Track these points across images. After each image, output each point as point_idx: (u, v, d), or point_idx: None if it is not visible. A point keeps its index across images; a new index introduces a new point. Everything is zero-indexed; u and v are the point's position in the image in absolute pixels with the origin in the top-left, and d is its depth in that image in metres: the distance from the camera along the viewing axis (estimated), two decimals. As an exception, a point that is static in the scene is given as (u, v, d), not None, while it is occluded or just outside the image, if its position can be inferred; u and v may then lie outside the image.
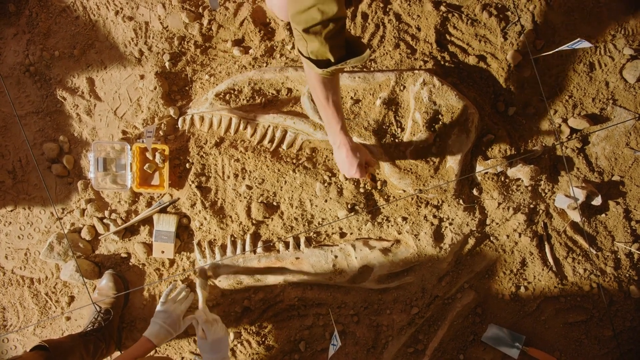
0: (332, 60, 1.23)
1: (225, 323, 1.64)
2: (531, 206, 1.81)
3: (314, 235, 1.77)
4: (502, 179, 1.80)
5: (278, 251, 1.76)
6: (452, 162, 1.71)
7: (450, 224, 1.76)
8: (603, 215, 1.86)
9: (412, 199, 1.75)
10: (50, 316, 1.85)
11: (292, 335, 1.83)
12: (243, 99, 1.78)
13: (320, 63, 1.24)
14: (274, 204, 1.77)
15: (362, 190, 1.74)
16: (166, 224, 1.75)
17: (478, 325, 1.88)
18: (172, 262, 1.81)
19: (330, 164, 1.78)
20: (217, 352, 1.52)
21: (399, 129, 1.75)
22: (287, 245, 1.76)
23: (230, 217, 1.77)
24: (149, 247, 1.79)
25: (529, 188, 1.81)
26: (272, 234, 1.77)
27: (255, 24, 1.86)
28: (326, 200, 1.74)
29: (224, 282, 1.75)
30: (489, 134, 1.81)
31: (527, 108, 1.86)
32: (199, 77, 1.85)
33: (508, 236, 1.82)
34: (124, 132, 1.82)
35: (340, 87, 1.77)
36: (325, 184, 1.74)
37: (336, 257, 1.71)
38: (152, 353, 1.56)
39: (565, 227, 1.84)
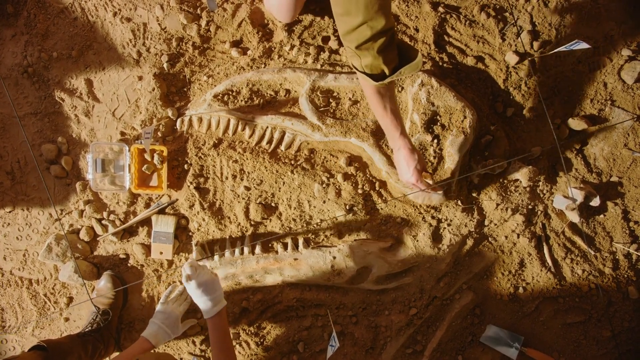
0: (387, 72, 1.24)
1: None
2: (529, 207, 1.81)
3: (313, 236, 1.77)
4: (501, 179, 1.80)
5: (276, 252, 1.76)
6: (451, 163, 1.71)
7: (449, 224, 1.76)
8: (601, 216, 1.86)
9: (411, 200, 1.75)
10: (48, 317, 1.85)
11: (290, 336, 1.83)
12: (241, 100, 1.79)
13: (376, 76, 1.25)
14: (273, 205, 1.77)
15: (360, 191, 1.74)
16: (165, 225, 1.76)
17: (477, 326, 1.88)
18: (170, 263, 1.81)
19: (328, 164, 1.78)
20: (210, 292, 1.46)
21: (397, 130, 1.75)
22: (285, 246, 1.76)
23: (229, 218, 1.77)
24: (147, 248, 1.79)
25: (528, 189, 1.81)
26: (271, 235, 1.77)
27: (254, 25, 1.86)
28: (324, 201, 1.74)
29: (222, 283, 1.75)
30: (487, 134, 1.81)
31: (526, 109, 1.86)
32: (197, 78, 1.85)
33: (506, 237, 1.82)
34: (122, 133, 1.82)
35: (338, 87, 1.77)
36: (324, 185, 1.74)
37: (334, 258, 1.71)
38: (150, 354, 1.56)
39: (564, 228, 1.84)
